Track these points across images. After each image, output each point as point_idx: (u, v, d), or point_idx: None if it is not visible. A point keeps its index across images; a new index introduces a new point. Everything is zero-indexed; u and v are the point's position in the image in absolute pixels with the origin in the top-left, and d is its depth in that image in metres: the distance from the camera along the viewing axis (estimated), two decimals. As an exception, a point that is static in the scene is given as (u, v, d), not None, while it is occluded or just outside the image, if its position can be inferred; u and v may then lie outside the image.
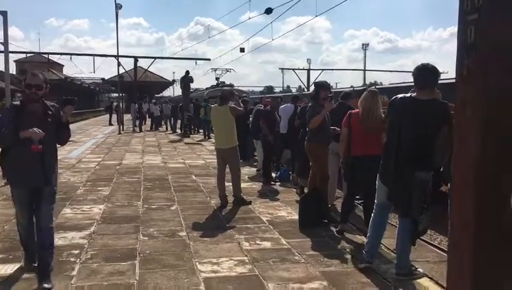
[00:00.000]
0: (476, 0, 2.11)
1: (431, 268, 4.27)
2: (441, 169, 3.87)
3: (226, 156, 7.04)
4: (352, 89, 13.27)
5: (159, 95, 69.25)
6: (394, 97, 4.09)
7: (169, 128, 25.86)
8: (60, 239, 5.07)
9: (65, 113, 4.02)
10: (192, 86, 31.68)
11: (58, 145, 4.15)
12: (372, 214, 4.32)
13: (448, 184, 2.71)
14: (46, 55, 44.53)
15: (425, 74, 3.83)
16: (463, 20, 2.20)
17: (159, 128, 26.85)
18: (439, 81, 4.12)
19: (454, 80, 2.31)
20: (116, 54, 26.63)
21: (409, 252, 4.07)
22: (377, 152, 4.40)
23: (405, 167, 3.84)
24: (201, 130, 21.70)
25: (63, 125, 4.01)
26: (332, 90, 7.67)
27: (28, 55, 51.13)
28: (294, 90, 60.56)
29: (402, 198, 3.92)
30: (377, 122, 4.80)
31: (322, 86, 6.09)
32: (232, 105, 6.94)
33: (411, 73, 4.01)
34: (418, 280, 4.00)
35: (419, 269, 4.12)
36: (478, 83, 2.12)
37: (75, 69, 76.84)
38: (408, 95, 3.98)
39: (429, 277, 4.03)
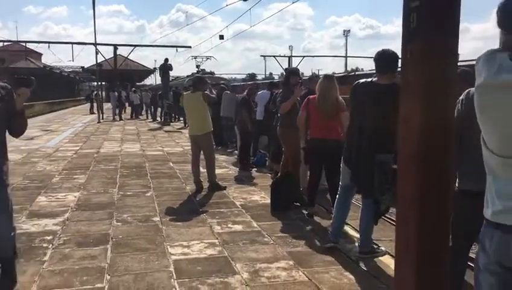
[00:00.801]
0: (417, -13, 2.23)
1: (393, 246, 4.43)
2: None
3: (200, 142, 7.12)
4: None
5: (141, 83, 68.58)
6: (356, 82, 4.22)
7: (149, 116, 25.74)
8: (33, 226, 5.13)
9: (19, 97, 3.25)
10: (173, 73, 31.64)
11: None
12: (337, 196, 4.47)
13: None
14: (24, 44, 43.73)
15: (386, 59, 3.95)
16: (406, 6, 2.32)
17: (139, 117, 26.71)
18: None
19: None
20: (94, 42, 26.33)
21: (371, 231, 4.23)
22: (335, 136, 4.54)
23: (367, 150, 3.98)
24: (181, 118, 21.68)
25: (16, 113, 3.27)
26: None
27: (5, 44, 50.09)
28: (276, 77, 60.51)
29: (364, 180, 4.06)
30: (333, 105, 4.95)
31: (292, 72, 6.23)
32: (206, 92, 7.02)
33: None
34: (380, 258, 4.18)
35: (381, 247, 4.29)
36: (419, 66, 2.25)
37: (54, 58, 76.05)
38: (369, 80, 4.10)
39: (391, 255, 4.20)
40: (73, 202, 6.29)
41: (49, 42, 37.91)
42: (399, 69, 2.80)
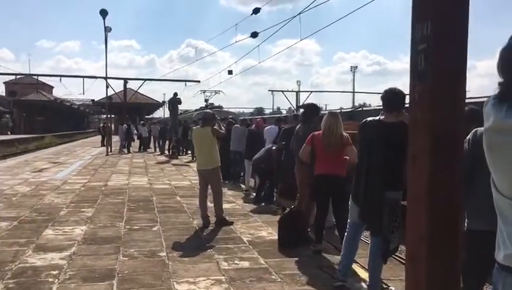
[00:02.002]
0: (425, 30, 2.28)
1: (403, 286, 4.35)
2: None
3: (208, 177, 7.15)
4: (340, 110, 13.45)
5: (150, 116, 69.36)
6: (364, 120, 4.24)
7: (157, 149, 25.87)
8: (39, 260, 5.11)
9: None
10: (182, 107, 31.96)
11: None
12: (346, 233, 4.43)
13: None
14: (36, 77, 44.59)
15: (393, 97, 3.99)
16: (414, 48, 2.36)
17: (147, 150, 26.86)
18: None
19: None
20: (105, 76, 26.79)
21: (380, 270, 4.17)
22: (341, 172, 4.55)
23: (375, 187, 3.97)
24: (189, 152, 21.78)
25: None
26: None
27: (18, 76, 51.14)
28: (284, 111, 60.98)
29: (373, 217, 4.03)
30: (338, 141, 4.99)
31: (316, 109, 6.36)
32: (215, 127, 7.11)
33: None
34: (389, 298, 4.10)
35: (391, 287, 4.22)
36: (427, 107, 2.27)
37: (65, 91, 77.24)
38: (377, 118, 4.13)
39: (401, 295, 4.12)
40: (80, 235, 6.28)
41: (60, 75, 38.70)
42: (407, 105, 2.84)
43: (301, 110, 7.58)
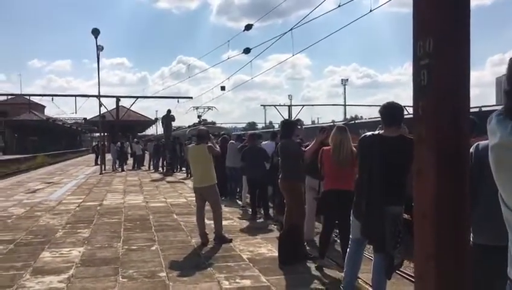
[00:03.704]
0: (427, 46, 2.29)
1: (407, 301, 4.33)
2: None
3: (205, 195, 7.14)
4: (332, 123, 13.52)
5: (142, 133, 69.29)
6: (363, 135, 4.24)
7: (151, 167, 25.73)
8: (37, 284, 5.03)
9: None
10: (175, 124, 31.87)
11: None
12: (348, 249, 4.41)
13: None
14: (28, 97, 44.44)
15: (392, 111, 4.00)
16: (416, 64, 2.37)
17: (141, 168, 26.72)
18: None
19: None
20: (97, 94, 26.75)
21: (385, 286, 4.13)
22: (349, 187, 4.53)
23: (376, 202, 3.95)
24: (183, 168, 21.70)
25: None
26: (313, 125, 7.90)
27: (9, 97, 50.94)
28: (276, 125, 61.20)
29: (375, 233, 4.01)
30: (348, 156, 4.97)
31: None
32: (210, 144, 7.11)
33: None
34: (394, 314, 4.06)
35: (395, 303, 4.18)
36: (431, 122, 2.27)
37: (57, 110, 76.90)
38: (376, 132, 4.13)
39: (405, 310, 4.10)
40: (78, 257, 6.19)
41: (52, 95, 38.36)
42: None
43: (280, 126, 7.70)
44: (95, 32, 24.54)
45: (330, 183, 5.21)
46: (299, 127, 7.27)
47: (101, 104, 27.03)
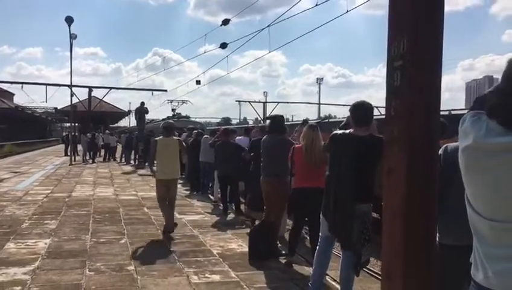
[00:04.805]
0: (401, 48, 2.32)
1: (374, 298, 4.40)
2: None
3: (171, 186, 7.39)
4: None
5: (114, 125, 68.21)
6: (334, 133, 4.27)
7: (123, 159, 25.37)
8: (1, 275, 4.90)
9: None
10: (148, 116, 31.56)
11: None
12: (317, 246, 4.44)
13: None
14: (-4, 84, 43.19)
15: (362, 111, 4.03)
16: (390, 65, 2.40)
17: (113, 160, 26.31)
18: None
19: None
20: (69, 84, 26.21)
21: (352, 283, 4.18)
22: (320, 184, 4.55)
23: (345, 200, 3.99)
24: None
25: None
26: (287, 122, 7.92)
27: (-24, 83, 49.34)
28: (251, 122, 61.18)
29: (343, 230, 4.05)
30: (320, 154, 5.00)
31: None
32: (179, 138, 7.39)
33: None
34: (360, 310, 4.12)
35: (362, 300, 4.24)
36: (403, 123, 2.31)
37: (27, 98, 74.79)
38: (347, 131, 4.15)
39: (371, 307, 4.16)
40: (44, 249, 6.06)
41: (22, 83, 37.33)
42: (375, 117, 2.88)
43: (268, 121, 7.52)
44: (69, 20, 24.03)
45: (301, 182, 5.22)
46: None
47: (72, 94, 26.53)
